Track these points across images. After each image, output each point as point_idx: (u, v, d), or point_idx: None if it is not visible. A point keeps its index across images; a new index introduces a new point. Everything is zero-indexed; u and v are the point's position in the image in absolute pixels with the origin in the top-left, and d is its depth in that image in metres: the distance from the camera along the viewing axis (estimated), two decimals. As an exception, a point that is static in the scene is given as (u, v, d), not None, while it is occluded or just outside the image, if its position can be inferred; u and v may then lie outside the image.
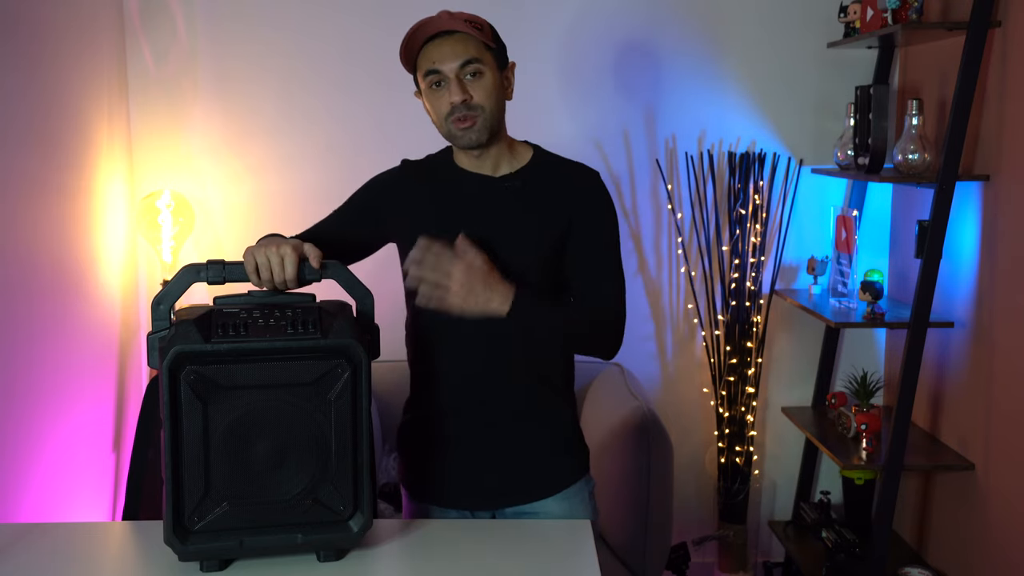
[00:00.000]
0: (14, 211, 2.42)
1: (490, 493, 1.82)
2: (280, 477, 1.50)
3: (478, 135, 1.72)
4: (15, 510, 2.38)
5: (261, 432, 1.48)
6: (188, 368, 1.44)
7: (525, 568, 1.59)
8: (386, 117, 3.19)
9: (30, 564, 1.59)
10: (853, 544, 2.91)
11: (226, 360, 1.45)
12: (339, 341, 1.48)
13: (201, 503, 1.48)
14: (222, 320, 1.48)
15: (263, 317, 1.49)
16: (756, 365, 3.19)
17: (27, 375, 2.48)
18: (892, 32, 2.69)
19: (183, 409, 1.45)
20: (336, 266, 1.58)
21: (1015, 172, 2.50)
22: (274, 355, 1.47)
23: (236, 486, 1.48)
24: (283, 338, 1.47)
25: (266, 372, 1.47)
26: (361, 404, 1.50)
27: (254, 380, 1.46)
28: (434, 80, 1.72)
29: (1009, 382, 2.54)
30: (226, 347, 1.45)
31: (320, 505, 1.52)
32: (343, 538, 1.54)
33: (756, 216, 3.15)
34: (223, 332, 1.46)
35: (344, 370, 1.48)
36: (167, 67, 3.17)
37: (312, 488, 1.51)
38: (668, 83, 3.21)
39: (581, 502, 1.84)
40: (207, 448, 1.46)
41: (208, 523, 1.49)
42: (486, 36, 1.73)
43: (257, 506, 1.50)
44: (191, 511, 1.48)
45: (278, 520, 1.51)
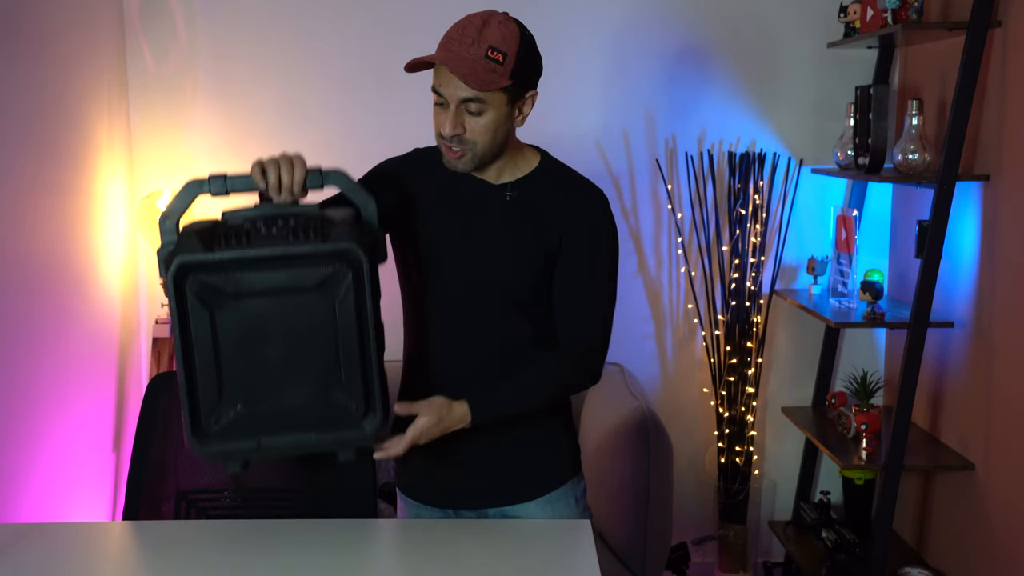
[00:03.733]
0: (14, 211, 2.42)
1: (473, 494, 1.82)
2: (290, 381, 1.52)
3: (463, 166, 1.69)
4: (15, 510, 2.38)
5: (268, 338, 1.51)
6: (192, 278, 1.47)
7: (525, 568, 1.59)
8: (386, 117, 3.19)
9: (30, 564, 1.59)
10: (853, 544, 2.91)
11: (229, 268, 1.48)
12: (339, 245, 1.49)
13: (216, 407, 1.52)
14: (225, 230, 1.50)
15: (266, 226, 1.51)
16: (756, 365, 3.19)
17: (27, 375, 2.48)
18: (892, 32, 2.69)
19: (191, 318, 1.49)
20: (337, 173, 1.59)
21: (1015, 172, 2.50)
22: (276, 262, 1.49)
23: (249, 391, 1.52)
24: (284, 245, 1.49)
25: (269, 279, 1.49)
26: (366, 306, 1.51)
27: (258, 287, 1.49)
28: (436, 100, 1.67)
29: (1009, 382, 2.54)
30: (228, 256, 1.48)
31: (332, 407, 1.54)
32: (357, 437, 1.56)
33: (756, 216, 3.15)
34: (226, 242, 1.49)
35: (345, 273, 1.50)
36: (167, 67, 3.17)
37: (323, 390, 1.53)
38: (668, 83, 3.20)
39: (567, 506, 1.82)
40: (217, 355, 1.50)
41: (225, 426, 1.52)
42: (502, 72, 1.62)
43: (271, 409, 1.53)
44: (207, 414, 1.52)
45: (292, 422, 1.54)
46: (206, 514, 2.03)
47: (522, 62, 1.65)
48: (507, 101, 1.66)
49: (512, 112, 1.69)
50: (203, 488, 2.04)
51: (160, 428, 2.04)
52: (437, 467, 1.82)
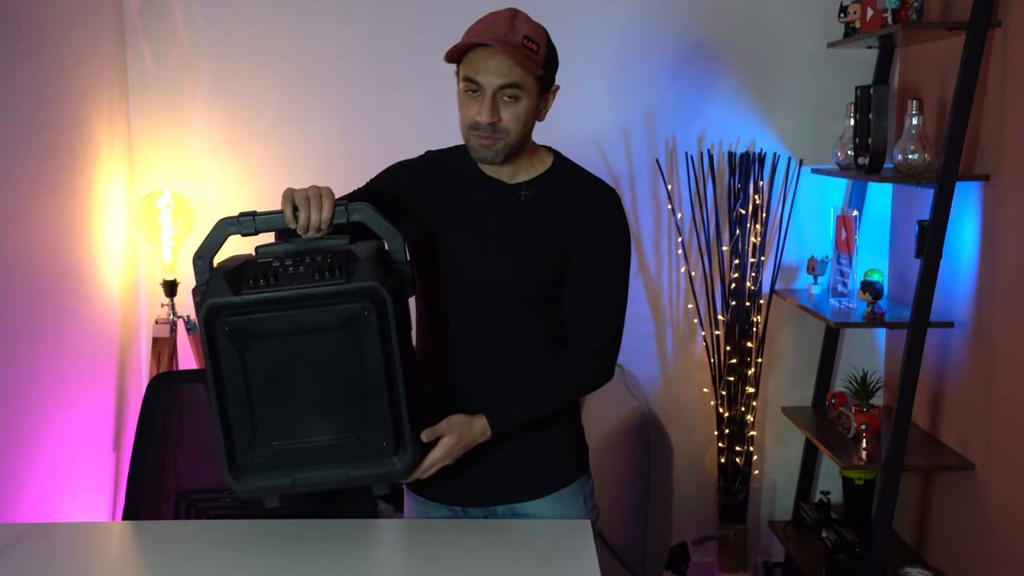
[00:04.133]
0: (14, 211, 2.42)
1: (481, 491, 1.82)
2: (321, 419, 1.54)
3: (494, 156, 1.70)
4: (15, 510, 2.38)
5: (298, 377, 1.53)
6: (221, 320, 1.49)
7: (525, 568, 1.59)
8: (386, 117, 3.19)
9: (30, 564, 1.59)
10: (853, 544, 2.91)
11: (256, 310, 1.50)
12: (362, 285, 1.50)
13: (251, 445, 1.54)
14: (254, 271, 1.52)
15: (294, 265, 1.52)
16: (756, 365, 3.19)
17: (27, 375, 2.48)
18: (892, 32, 2.69)
19: (222, 359, 1.50)
20: (363, 208, 1.59)
21: (1015, 172, 2.50)
22: (301, 302, 1.50)
23: (281, 429, 1.54)
24: (308, 285, 1.50)
25: (295, 319, 1.50)
26: (391, 343, 1.52)
27: (284, 328, 1.51)
28: (470, 87, 1.68)
29: (1009, 382, 2.54)
30: (254, 298, 1.49)
31: (362, 444, 1.55)
32: (388, 472, 1.57)
33: (756, 216, 3.15)
34: (253, 283, 1.50)
35: (370, 312, 1.50)
36: (167, 67, 3.17)
37: (352, 428, 1.55)
38: (668, 83, 3.20)
39: (575, 504, 1.83)
40: (249, 394, 1.52)
41: (259, 462, 1.54)
42: (538, 60, 1.67)
43: (303, 447, 1.55)
44: (242, 451, 1.54)
45: (325, 459, 1.55)
46: (206, 514, 2.03)
47: (549, 55, 1.71)
48: (537, 91, 1.70)
49: (539, 105, 1.72)
50: (203, 488, 2.04)
51: (160, 428, 2.04)
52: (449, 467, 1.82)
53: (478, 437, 1.69)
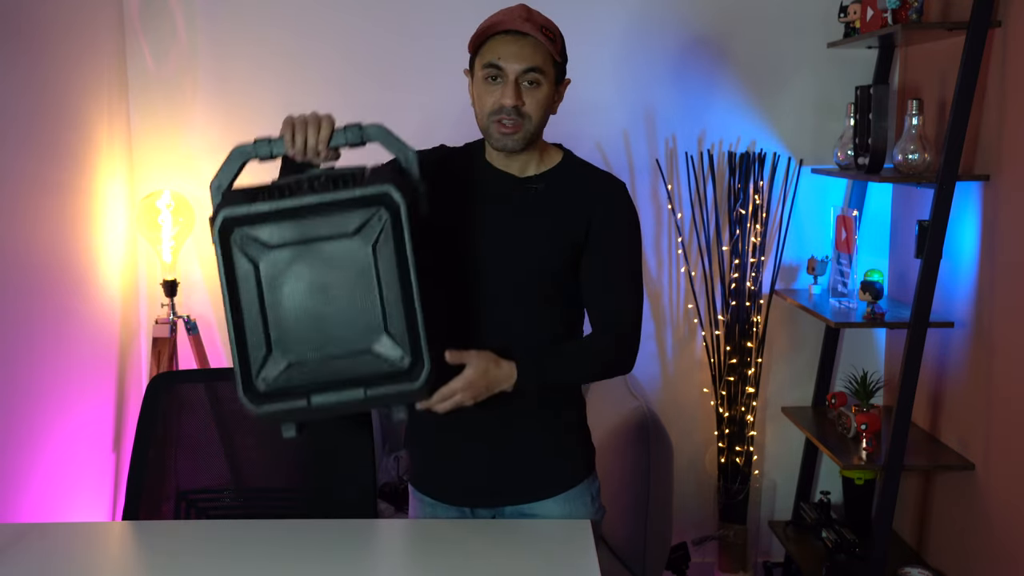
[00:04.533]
0: (14, 211, 2.42)
1: (490, 492, 1.82)
2: (336, 334, 1.51)
3: (515, 143, 1.71)
4: (15, 510, 2.38)
5: (312, 289, 1.50)
6: (236, 232, 1.48)
7: (525, 568, 1.59)
8: (386, 117, 3.16)
9: (30, 564, 1.59)
10: (853, 544, 2.91)
11: (271, 220, 1.49)
12: (375, 189, 1.49)
13: (265, 364, 1.51)
14: (270, 189, 1.52)
15: (309, 184, 1.52)
16: (756, 365, 3.19)
17: (27, 375, 2.48)
18: (892, 32, 2.69)
19: (237, 273, 1.49)
20: (375, 127, 1.59)
21: (1015, 172, 2.50)
22: (315, 210, 1.49)
23: (296, 346, 1.51)
24: (321, 193, 1.50)
25: (308, 228, 1.49)
26: (405, 250, 1.50)
27: (298, 236, 1.49)
28: (491, 74, 1.69)
29: (1009, 382, 2.54)
30: (268, 208, 1.49)
31: (379, 359, 1.51)
32: (407, 391, 1.53)
33: (756, 216, 3.15)
34: (268, 196, 1.50)
35: (383, 217, 1.49)
36: (167, 67, 3.17)
37: (368, 341, 1.51)
38: (668, 83, 3.20)
39: (583, 504, 1.84)
40: (263, 311, 1.50)
41: (274, 385, 1.51)
42: (556, 48, 1.71)
43: (319, 365, 1.51)
44: (257, 373, 1.51)
45: (340, 379, 1.52)
46: (206, 514, 2.03)
47: (563, 47, 1.75)
48: (555, 79, 1.73)
49: (554, 95, 1.74)
50: (203, 488, 2.04)
51: (160, 428, 2.04)
52: (456, 466, 1.83)
53: (502, 382, 1.66)
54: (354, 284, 1.50)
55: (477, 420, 1.79)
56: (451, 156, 1.85)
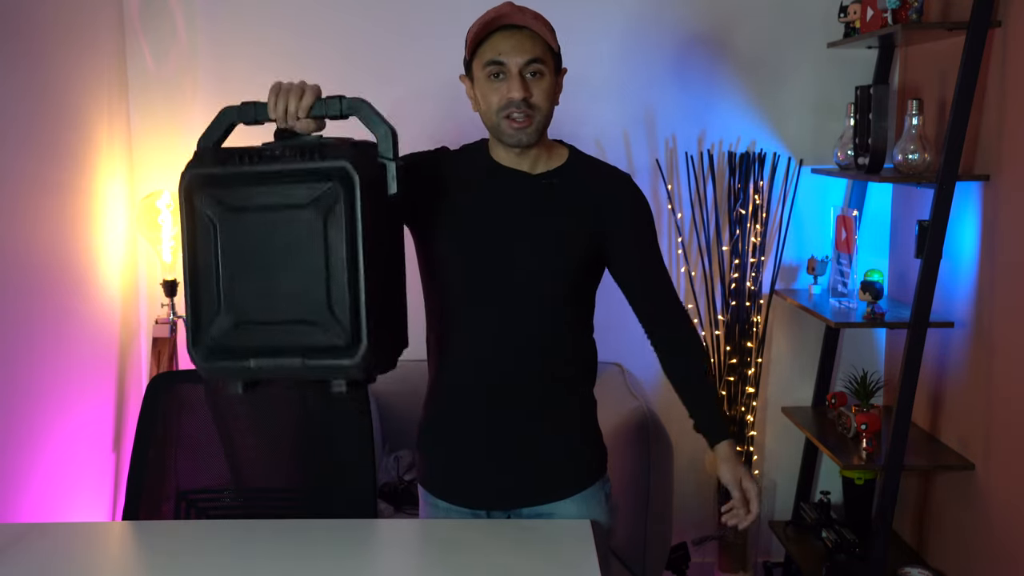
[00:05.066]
0: (14, 211, 2.42)
1: (506, 494, 1.82)
2: (283, 301, 1.52)
3: (529, 137, 1.71)
4: (15, 510, 2.38)
5: (264, 256, 1.51)
6: (198, 190, 1.50)
7: (525, 568, 1.59)
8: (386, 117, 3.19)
9: (30, 564, 1.59)
10: (853, 544, 2.91)
11: (232, 183, 1.50)
12: (331, 163, 1.49)
13: (213, 323, 1.53)
14: (245, 152, 1.52)
15: (284, 150, 1.52)
16: (756, 365, 3.19)
17: (27, 375, 2.48)
18: (892, 32, 2.69)
19: (198, 230, 1.51)
20: (357, 102, 1.58)
21: (1015, 172, 2.50)
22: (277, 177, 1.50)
23: (243, 309, 1.53)
24: (282, 162, 1.50)
25: (266, 195, 1.50)
26: (356, 227, 1.49)
27: (256, 203, 1.50)
28: (494, 71, 1.70)
29: (1009, 382, 2.54)
30: (231, 171, 1.50)
31: (319, 331, 1.52)
32: (343, 365, 1.52)
33: (756, 216, 3.15)
34: (239, 160, 1.51)
35: (337, 191, 1.48)
36: (167, 67, 3.17)
37: (311, 314, 1.51)
38: (668, 83, 3.20)
39: (597, 504, 1.84)
40: (217, 267, 1.52)
41: (220, 342, 1.53)
42: (552, 38, 1.73)
43: (262, 330, 1.53)
44: (206, 329, 1.53)
45: (282, 343, 1.53)
46: (206, 514, 2.03)
47: (555, 37, 1.75)
48: (554, 69, 1.74)
49: (557, 85, 1.75)
50: (203, 488, 2.04)
51: (160, 428, 2.04)
52: (471, 469, 1.82)
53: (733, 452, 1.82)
54: (303, 255, 1.50)
55: (492, 423, 1.79)
56: (454, 158, 1.84)
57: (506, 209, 1.76)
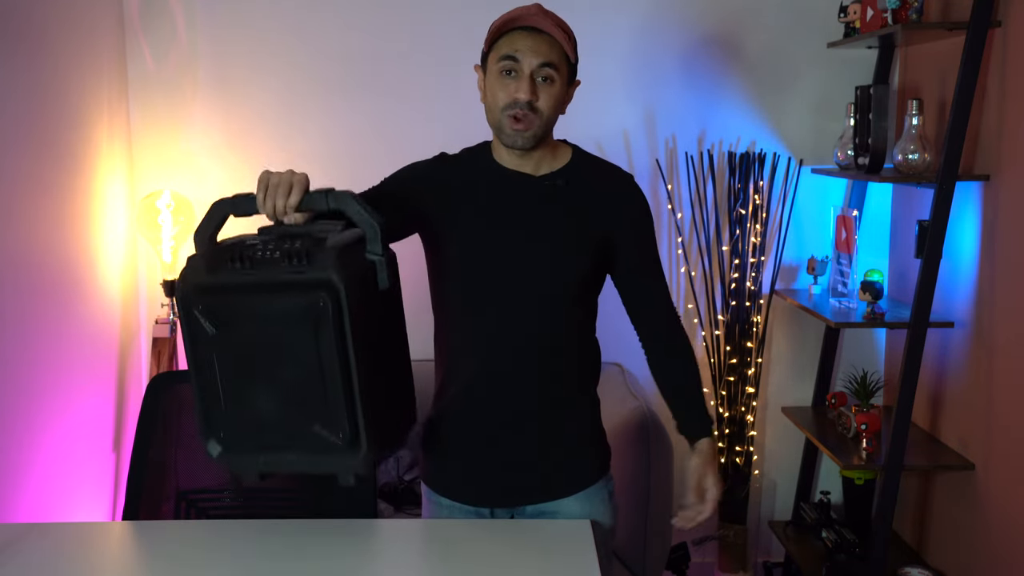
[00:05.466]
0: (14, 210, 2.42)
1: (510, 492, 1.82)
2: (285, 406, 1.53)
3: (526, 140, 1.71)
4: (15, 510, 2.38)
5: (264, 361, 1.52)
6: (196, 299, 1.50)
7: (525, 568, 1.59)
8: (386, 117, 3.19)
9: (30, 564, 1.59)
10: (853, 544, 2.91)
11: (225, 292, 1.51)
12: (316, 275, 1.48)
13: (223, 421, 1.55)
14: (238, 252, 1.51)
15: (275, 249, 1.51)
16: (756, 365, 3.19)
17: (27, 375, 2.48)
18: (892, 32, 2.69)
19: (198, 336, 1.52)
20: (342, 195, 1.56)
21: (1015, 172, 2.50)
22: (263, 288, 1.50)
23: (246, 412, 1.54)
24: (270, 273, 1.50)
25: (256, 306, 1.51)
26: (346, 335, 1.49)
27: (248, 314, 1.51)
28: (507, 67, 1.70)
29: (1009, 382, 2.54)
30: (222, 282, 1.50)
31: (318, 436, 1.54)
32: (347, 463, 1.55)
33: (756, 216, 3.15)
34: (231, 264, 1.50)
35: (325, 303, 1.48)
36: (167, 67, 3.17)
37: (309, 418, 1.53)
38: (668, 83, 3.20)
39: (601, 501, 1.85)
40: (221, 370, 1.53)
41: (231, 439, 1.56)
42: (571, 47, 1.72)
43: (267, 431, 1.55)
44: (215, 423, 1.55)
45: (287, 443, 1.55)
46: (206, 514, 2.03)
47: (576, 48, 1.75)
48: (567, 79, 1.74)
49: (565, 95, 1.75)
50: (203, 488, 2.04)
51: (160, 428, 2.04)
52: (475, 467, 1.83)
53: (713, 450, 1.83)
54: (296, 362, 1.51)
55: (497, 422, 1.80)
56: (456, 161, 1.84)
57: (511, 212, 1.76)
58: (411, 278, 1.93)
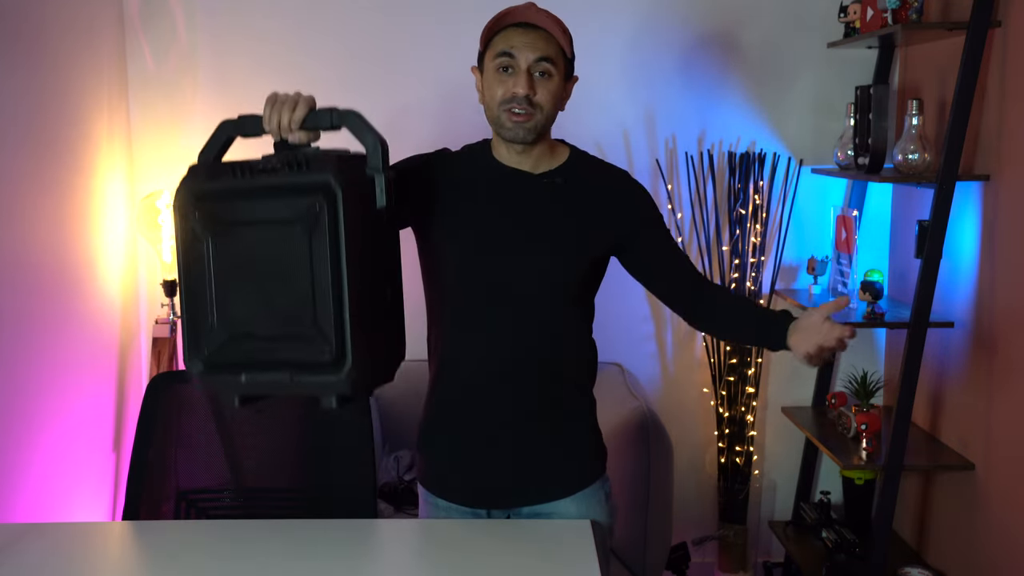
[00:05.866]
0: (14, 211, 2.42)
1: (506, 493, 1.82)
2: (269, 317, 1.51)
3: (526, 133, 1.72)
4: (15, 510, 2.38)
5: (254, 271, 1.51)
6: (194, 204, 1.50)
7: (525, 568, 1.59)
8: (386, 117, 3.18)
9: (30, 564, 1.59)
10: (853, 544, 2.91)
11: (224, 198, 1.50)
12: (314, 177, 1.48)
13: (208, 335, 1.53)
14: (239, 165, 1.52)
15: (276, 162, 1.51)
16: (756, 365, 3.19)
17: (26, 375, 2.48)
18: (892, 32, 2.69)
19: (191, 243, 1.51)
20: (348, 113, 1.57)
21: (1015, 172, 2.50)
22: (264, 192, 1.50)
23: (234, 323, 1.52)
24: (269, 179, 1.49)
25: (255, 210, 1.50)
26: (340, 243, 1.47)
27: (245, 217, 1.50)
28: (504, 64, 1.70)
29: (1009, 382, 2.54)
30: (220, 186, 1.50)
31: (305, 346, 1.50)
32: (330, 382, 1.51)
33: (756, 216, 3.15)
34: (232, 174, 1.51)
35: (321, 205, 1.47)
36: (167, 67, 3.17)
37: (297, 330, 1.50)
38: (668, 83, 3.20)
39: (597, 503, 1.84)
40: (210, 281, 1.51)
41: (215, 355, 1.53)
42: (566, 42, 1.73)
43: (252, 345, 1.52)
44: (201, 341, 1.53)
45: (270, 357, 1.52)
46: (206, 514, 2.03)
47: (571, 44, 1.76)
48: (564, 75, 1.75)
49: (563, 90, 1.76)
50: (203, 488, 2.04)
51: (160, 428, 2.04)
52: (471, 468, 1.82)
53: None
54: (290, 270, 1.49)
55: (491, 422, 1.79)
56: (455, 159, 1.84)
57: (508, 210, 1.76)
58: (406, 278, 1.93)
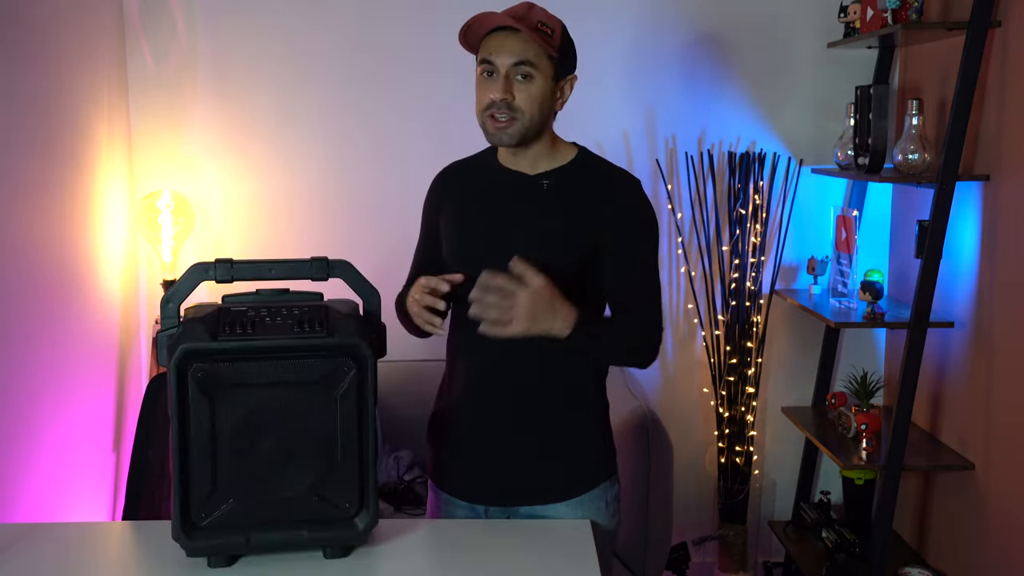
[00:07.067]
0: (14, 211, 2.42)
1: (505, 492, 1.82)
2: (286, 474, 1.51)
3: (509, 137, 1.72)
4: (15, 510, 2.38)
5: (267, 429, 1.50)
6: (195, 366, 1.46)
7: (526, 568, 1.59)
8: (387, 117, 3.19)
9: (30, 564, 1.59)
10: (853, 544, 2.91)
11: (233, 358, 1.47)
12: (345, 340, 1.49)
13: (208, 499, 1.50)
14: (230, 318, 1.49)
15: (270, 315, 1.50)
16: (756, 365, 3.19)
17: (26, 375, 2.47)
18: (892, 32, 2.69)
19: (191, 406, 1.47)
20: (342, 264, 1.58)
21: (1015, 172, 2.50)
22: (281, 353, 1.48)
23: (242, 483, 1.50)
24: (290, 336, 1.48)
25: (273, 370, 1.48)
26: (367, 402, 1.51)
27: (261, 378, 1.48)
28: (486, 70, 1.72)
29: (1009, 382, 2.54)
30: (233, 345, 1.47)
31: (325, 502, 1.53)
32: (348, 535, 1.55)
33: (756, 216, 3.15)
34: (230, 330, 1.48)
35: (350, 368, 1.49)
36: (167, 67, 3.17)
37: (317, 485, 1.52)
38: (668, 83, 3.20)
39: (598, 509, 1.83)
40: (214, 445, 1.49)
41: (215, 519, 1.51)
42: (552, 42, 1.71)
43: (263, 503, 1.52)
44: (198, 507, 1.50)
45: (284, 516, 1.53)
46: (206, 514, 2.02)
47: (565, 42, 1.76)
48: (552, 75, 1.73)
49: (555, 90, 1.75)
50: (203, 488, 2.03)
51: (160, 428, 2.04)
52: (473, 465, 1.83)
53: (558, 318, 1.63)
54: (310, 430, 1.51)
55: (494, 420, 1.80)
56: (453, 170, 1.89)
57: (503, 209, 1.79)
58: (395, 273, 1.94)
